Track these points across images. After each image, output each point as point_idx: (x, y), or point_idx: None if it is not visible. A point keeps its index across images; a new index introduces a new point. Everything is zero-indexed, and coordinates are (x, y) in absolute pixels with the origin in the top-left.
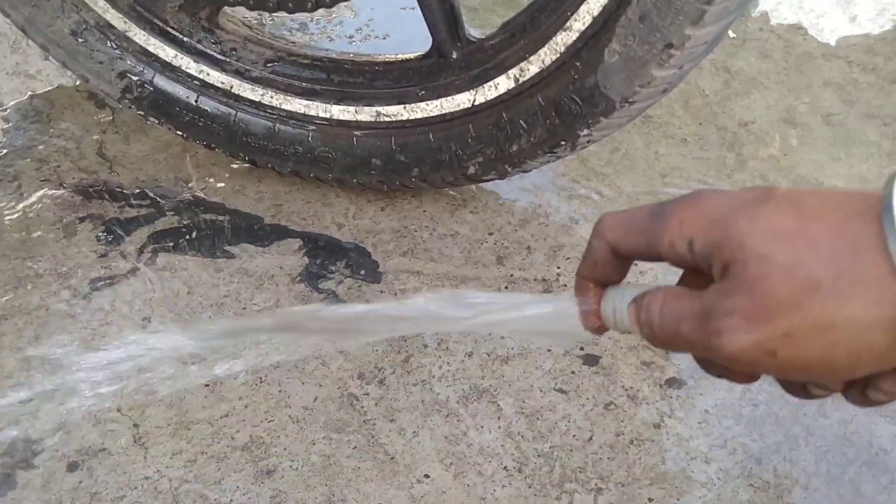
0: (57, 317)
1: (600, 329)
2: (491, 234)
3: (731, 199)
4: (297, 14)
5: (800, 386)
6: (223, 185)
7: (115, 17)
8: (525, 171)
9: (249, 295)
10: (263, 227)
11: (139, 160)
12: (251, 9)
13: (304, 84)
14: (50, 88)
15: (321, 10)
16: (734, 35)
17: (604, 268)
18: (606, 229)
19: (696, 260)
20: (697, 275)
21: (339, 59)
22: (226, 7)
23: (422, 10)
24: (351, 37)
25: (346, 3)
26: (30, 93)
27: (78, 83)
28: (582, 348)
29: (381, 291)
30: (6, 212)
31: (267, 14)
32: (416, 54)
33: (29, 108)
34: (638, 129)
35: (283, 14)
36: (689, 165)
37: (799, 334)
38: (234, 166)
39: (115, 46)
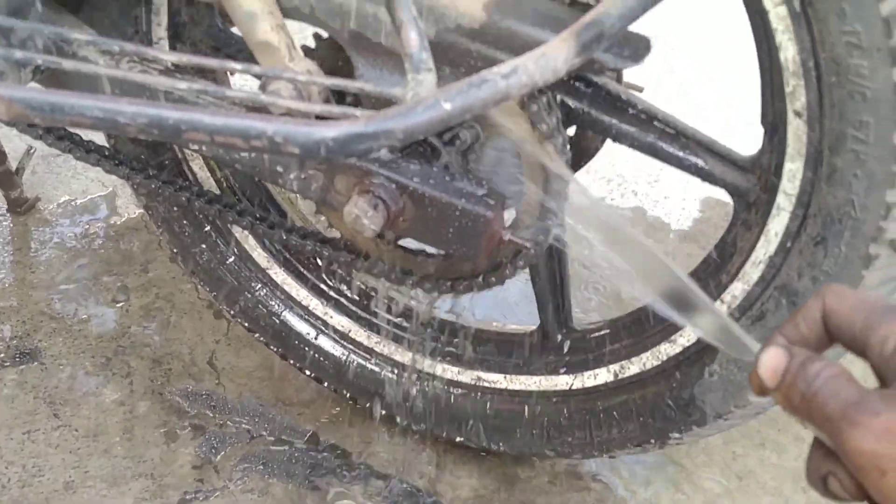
0: None
1: (762, 390)
2: None
3: None
4: None
5: None
6: (318, 413)
7: (259, 256)
8: (610, 457)
9: None
10: (351, 464)
11: (245, 375)
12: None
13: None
14: (173, 291)
15: None
16: None
17: (805, 329)
18: (830, 293)
19: (889, 364)
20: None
21: (447, 320)
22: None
23: (534, 290)
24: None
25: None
26: (155, 290)
27: (200, 295)
28: None
29: None
30: (114, 407)
31: None
32: (525, 329)
33: (153, 306)
34: None
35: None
36: (764, 472)
37: None
38: (332, 397)
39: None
